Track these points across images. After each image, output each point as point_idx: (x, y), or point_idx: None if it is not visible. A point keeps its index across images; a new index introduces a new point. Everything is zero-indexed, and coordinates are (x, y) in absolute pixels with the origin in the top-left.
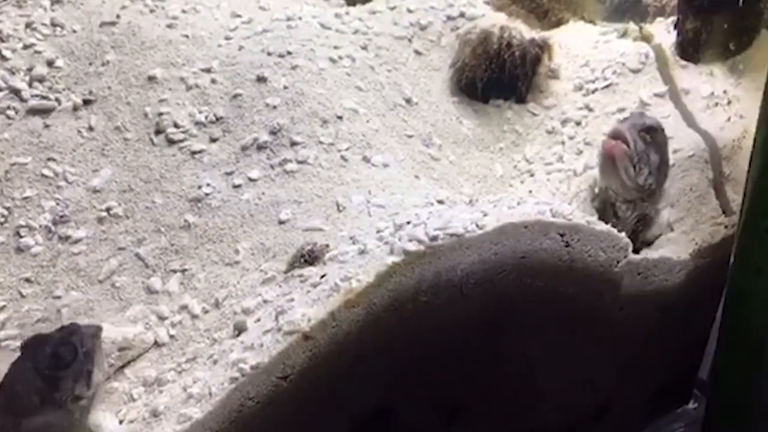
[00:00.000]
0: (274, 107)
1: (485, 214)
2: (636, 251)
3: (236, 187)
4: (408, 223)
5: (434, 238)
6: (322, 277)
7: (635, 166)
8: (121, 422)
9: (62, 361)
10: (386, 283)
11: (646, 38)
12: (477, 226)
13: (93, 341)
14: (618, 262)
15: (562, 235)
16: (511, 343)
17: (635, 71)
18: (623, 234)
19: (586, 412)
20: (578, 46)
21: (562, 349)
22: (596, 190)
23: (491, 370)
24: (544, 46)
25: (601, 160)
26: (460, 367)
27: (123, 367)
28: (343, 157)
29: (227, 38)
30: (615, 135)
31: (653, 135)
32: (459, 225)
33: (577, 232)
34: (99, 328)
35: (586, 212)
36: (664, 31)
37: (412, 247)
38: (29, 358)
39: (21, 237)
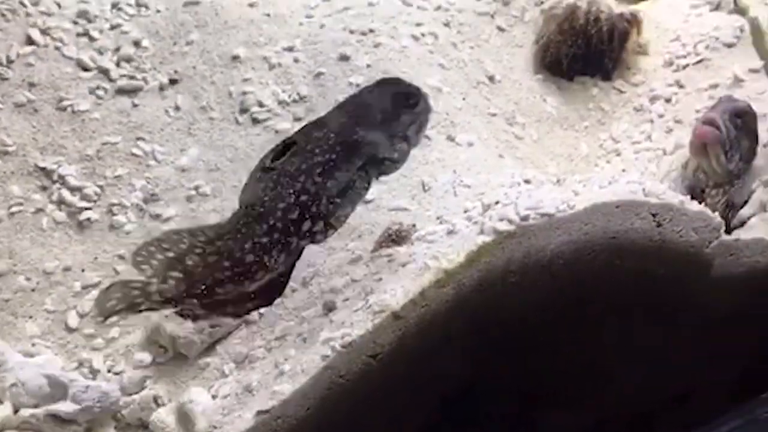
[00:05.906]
0: (357, 86)
1: (576, 194)
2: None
3: None
4: (497, 202)
5: (525, 218)
6: (411, 256)
7: (727, 153)
8: (214, 397)
9: (407, 102)
10: (476, 263)
11: (742, 11)
12: (568, 206)
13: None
14: (710, 243)
15: (654, 215)
16: (597, 326)
17: (729, 45)
18: (716, 214)
19: (668, 397)
20: (668, 20)
21: (648, 332)
22: (686, 170)
23: (574, 353)
24: (632, 21)
25: (692, 147)
26: (544, 349)
27: (215, 343)
28: (427, 136)
29: (308, 16)
30: (707, 121)
31: (744, 119)
32: (550, 204)
33: (670, 212)
34: None
35: (677, 192)
36: (760, 3)
37: (503, 226)
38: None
39: (114, 215)
